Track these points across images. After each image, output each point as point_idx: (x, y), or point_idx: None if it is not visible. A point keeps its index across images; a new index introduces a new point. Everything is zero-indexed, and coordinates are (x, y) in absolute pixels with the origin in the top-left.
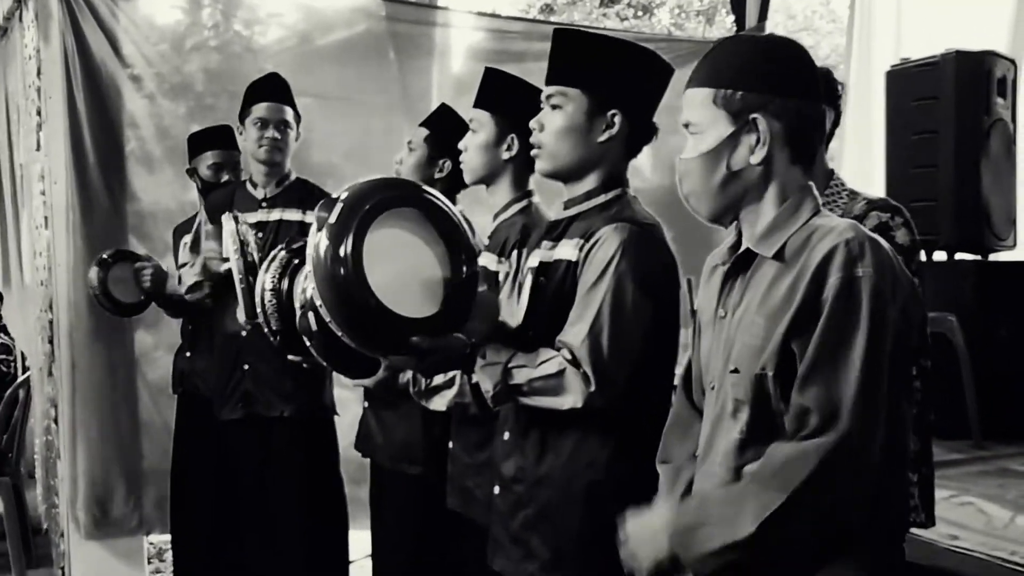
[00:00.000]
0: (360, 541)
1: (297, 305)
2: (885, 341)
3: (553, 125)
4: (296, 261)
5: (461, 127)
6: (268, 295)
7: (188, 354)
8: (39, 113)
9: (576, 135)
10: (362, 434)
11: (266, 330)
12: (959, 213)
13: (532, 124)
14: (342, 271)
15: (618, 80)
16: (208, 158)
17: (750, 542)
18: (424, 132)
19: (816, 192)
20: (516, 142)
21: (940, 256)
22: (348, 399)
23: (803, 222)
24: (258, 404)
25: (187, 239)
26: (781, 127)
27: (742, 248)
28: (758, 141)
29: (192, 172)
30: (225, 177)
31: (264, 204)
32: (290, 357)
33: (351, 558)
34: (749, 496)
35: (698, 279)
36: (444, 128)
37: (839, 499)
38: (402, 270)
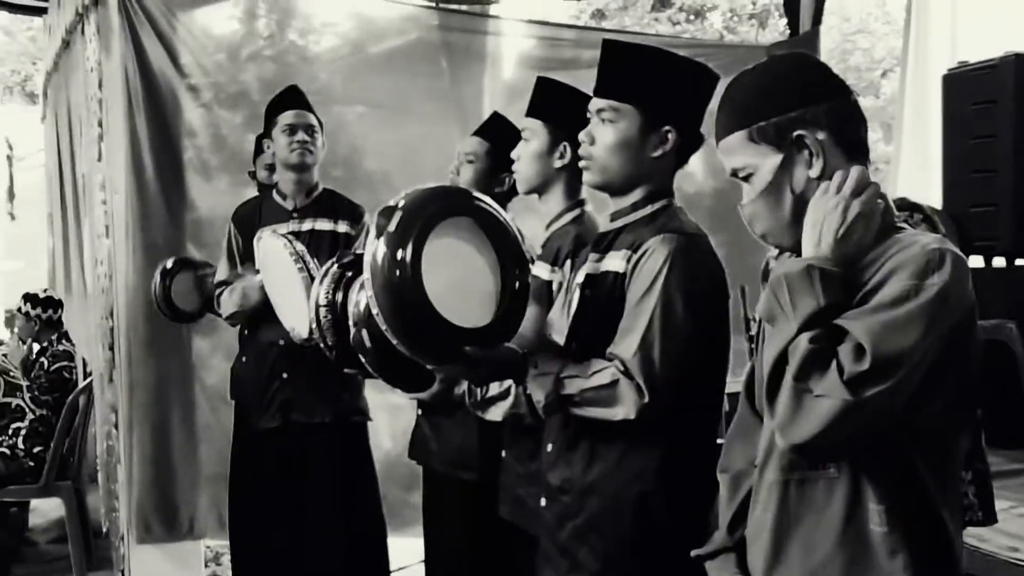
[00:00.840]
0: (412, 546)
1: (351, 321)
2: (932, 348)
3: (606, 140)
4: (349, 274)
5: (517, 137)
6: (323, 311)
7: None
8: (100, 124)
9: (630, 151)
10: (416, 441)
11: (322, 345)
12: (1019, 218)
13: (582, 137)
14: (400, 278)
15: (672, 96)
16: (265, 159)
17: None
18: (484, 144)
19: (891, 202)
20: (568, 150)
21: (999, 262)
22: (403, 406)
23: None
24: (297, 412)
25: (222, 256)
26: (826, 133)
27: None
28: (811, 155)
29: (252, 175)
30: (276, 179)
31: (295, 215)
32: (346, 371)
33: (404, 564)
34: None
35: (752, 285)
36: (503, 140)
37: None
38: (456, 279)
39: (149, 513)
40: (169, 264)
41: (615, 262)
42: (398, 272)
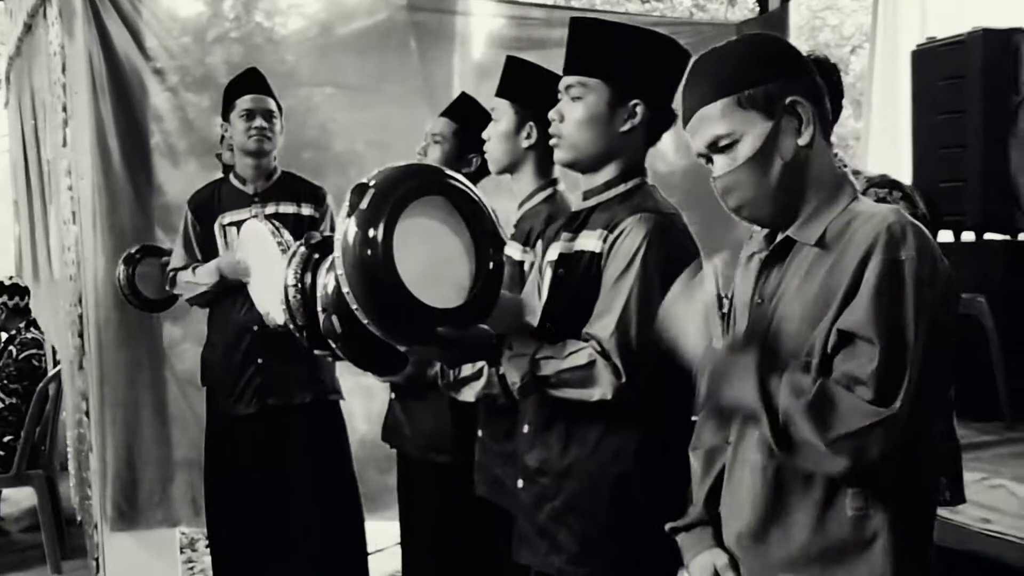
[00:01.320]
0: (389, 529)
1: (319, 308)
2: (926, 325)
3: (574, 116)
4: (317, 256)
5: (486, 118)
6: (292, 291)
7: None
8: (65, 109)
9: (598, 126)
10: (389, 425)
11: (291, 327)
12: (987, 193)
13: (551, 115)
14: (371, 257)
15: (639, 70)
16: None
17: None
18: (452, 125)
19: (852, 176)
20: (535, 130)
21: (968, 236)
22: (377, 388)
23: (843, 207)
24: (274, 396)
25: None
26: (810, 105)
27: (781, 236)
28: (800, 123)
29: (220, 156)
30: (234, 163)
31: (256, 200)
32: (317, 352)
33: (381, 546)
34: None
35: (722, 264)
36: (471, 120)
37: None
38: (429, 259)
39: (122, 501)
40: (133, 250)
41: (590, 242)
42: (369, 251)
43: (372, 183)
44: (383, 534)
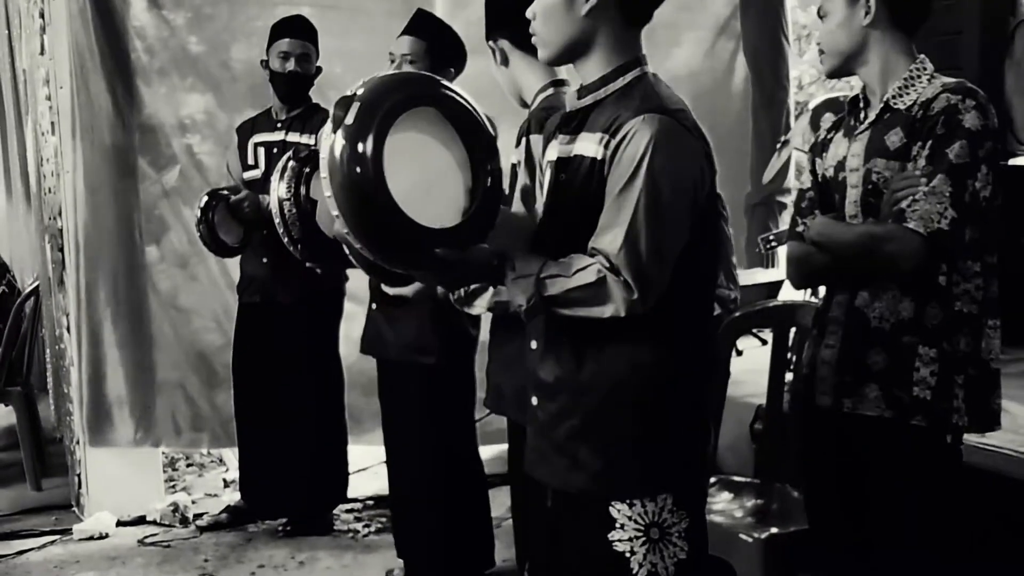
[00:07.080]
0: (374, 451)
1: (335, 212)
2: None
3: (537, 10)
4: (307, 169)
5: (449, 33)
6: (287, 205)
7: (264, 260)
8: (42, 15)
9: (557, 12)
10: (370, 336)
11: (286, 240)
12: None
13: (527, 14)
14: (361, 176)
15: None
16: (278, 47)
17: None
18: (421, 43)
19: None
20: None
21: None
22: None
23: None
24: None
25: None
26: None
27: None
28: None
29: (264, 63)
30: (291, 67)
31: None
32: (308, 264)
33: (365, 466)
34: None
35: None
36: (437, 37)
37: None
38: (422, 176)
39: (104, 417)
40: (204, 201)
41: (590, 146)
42: (358, 169)
43: (357, 95)
44: (367, 455)
